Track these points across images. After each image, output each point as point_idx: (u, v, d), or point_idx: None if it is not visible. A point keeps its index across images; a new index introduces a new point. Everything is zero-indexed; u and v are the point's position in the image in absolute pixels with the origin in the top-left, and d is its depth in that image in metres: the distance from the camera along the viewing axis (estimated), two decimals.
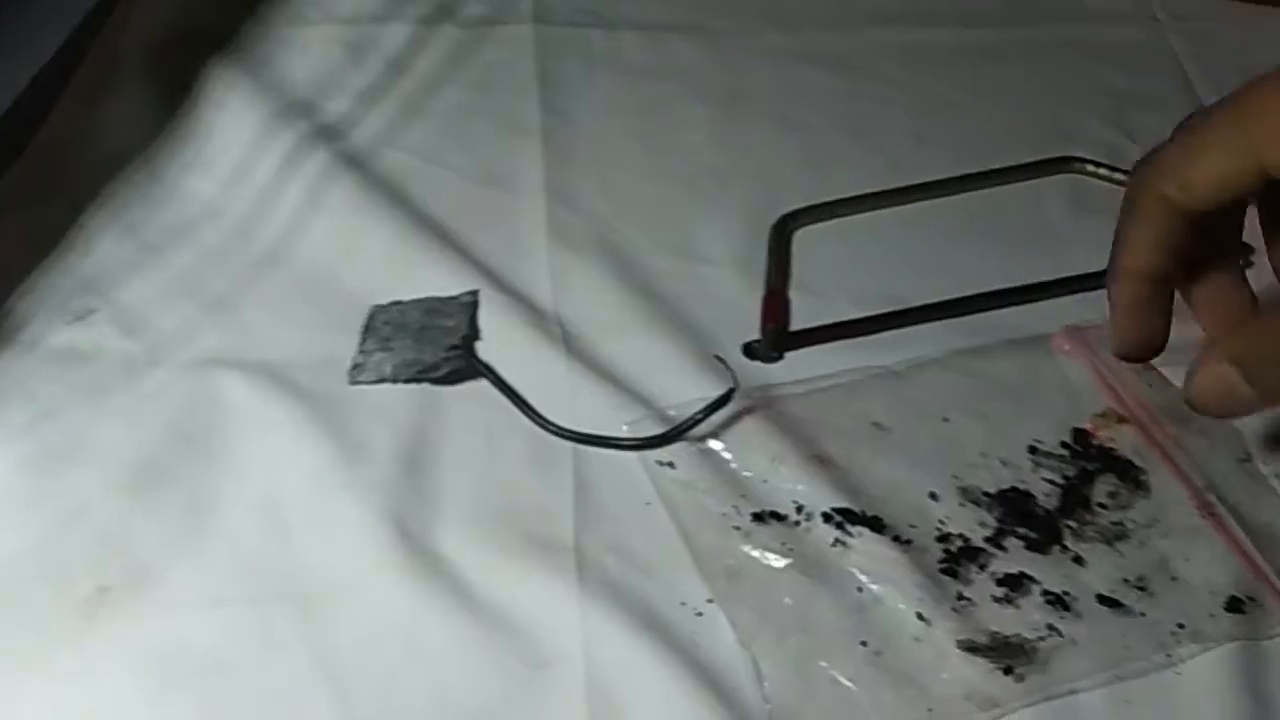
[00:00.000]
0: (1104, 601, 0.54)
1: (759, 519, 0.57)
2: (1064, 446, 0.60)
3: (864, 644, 0.52)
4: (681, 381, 0.61)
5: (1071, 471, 0.59)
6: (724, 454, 0.59)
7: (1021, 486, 0.58)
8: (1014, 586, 0.54)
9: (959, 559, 0.55)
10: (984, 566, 0.55)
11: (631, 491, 0.58)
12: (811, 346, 0.64)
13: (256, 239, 0.68)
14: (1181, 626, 0.53)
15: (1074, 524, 0.57)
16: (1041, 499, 0.58)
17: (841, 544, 0.56)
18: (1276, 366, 0.46)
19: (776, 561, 0.55)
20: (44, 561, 0.55)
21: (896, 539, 0.56)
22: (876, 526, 0.56)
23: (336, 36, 0.80)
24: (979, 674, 0.52)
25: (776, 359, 0.64)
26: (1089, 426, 0.60)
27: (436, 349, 0.62)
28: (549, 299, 0.66)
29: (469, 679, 0.52)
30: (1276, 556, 0.55)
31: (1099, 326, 0.64)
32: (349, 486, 0.57)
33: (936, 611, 0.53)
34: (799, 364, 0.63)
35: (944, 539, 0.56)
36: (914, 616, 0.53)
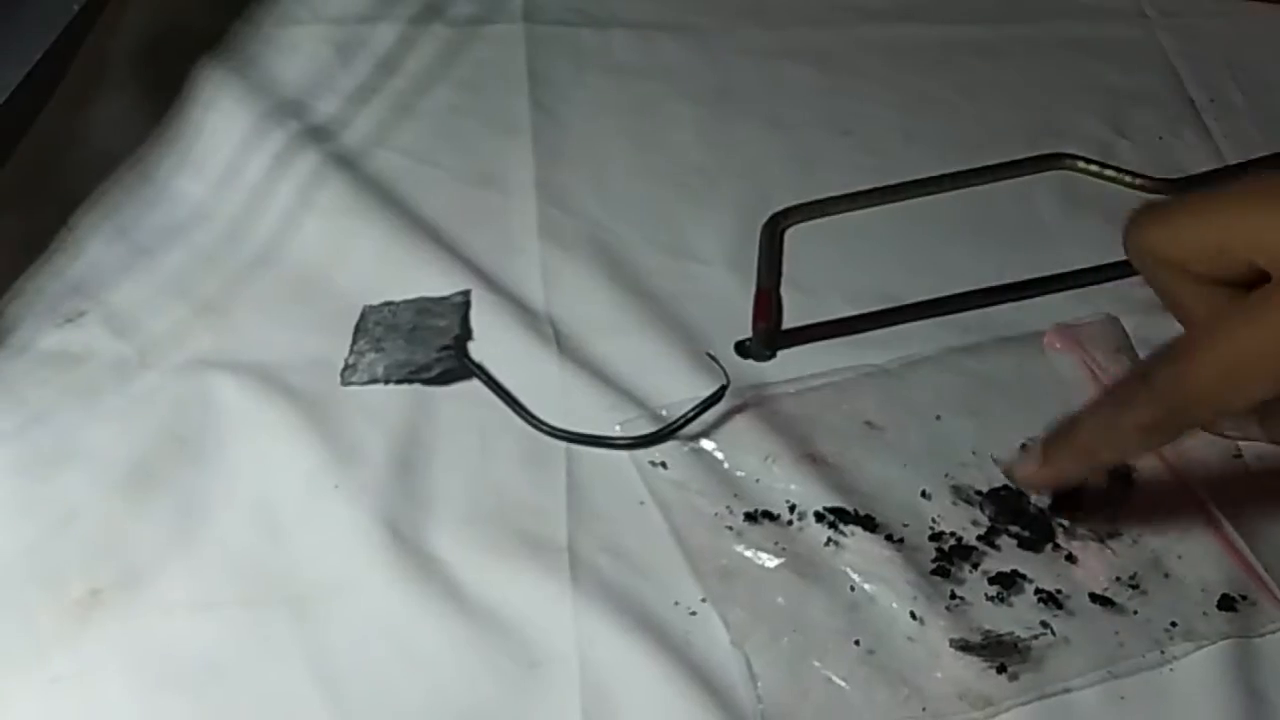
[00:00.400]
0: (1097, 600, 0.54)
1: (752, 518, 0.57)
2: None
3: (857, 643, 0.52)
4: (674, 381, 0.61)
5: None
6: (716, 454, 0.59)
7: (1014, 485, 0.58)
8: (1007, 585, 0.55)
9: (952, 558, 0.55)
10: (977, 565, 0.55)
11: (624, 491, 0.58)
12: (803, 345, 0.64)
13: (247, 240, 0.68)
14: (1174, 624, 0.53)
15: (1066, 522, 0.57)
16: (1034, 497, 0.58)
17: (834, 543, 0.56)
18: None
19: (769, 561, 0.55)
20: (36, 564, 0.55)
21: (889, 538, 0.56)
22: (869, 525, 0.56)
23: (326, 36, 0.80)
24: (972, 673, 0.52)
25: (768, 357, 0.64)
26: None
27: (428, 349, 0.62)
28: (540, 298, 0.66)
29: (462, 679, 0.52)
30: (1268, 554, 0.55)
31: (1090, 324, 0.64)
32: (341, 488, 0.57)
33: (929, 610, 0.53)
34: (791, 363, 0.63)
35: (937, 538, 0.56)
36: (907, 615, 0.53)
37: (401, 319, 0.64)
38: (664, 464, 0.58)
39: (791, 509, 0.57)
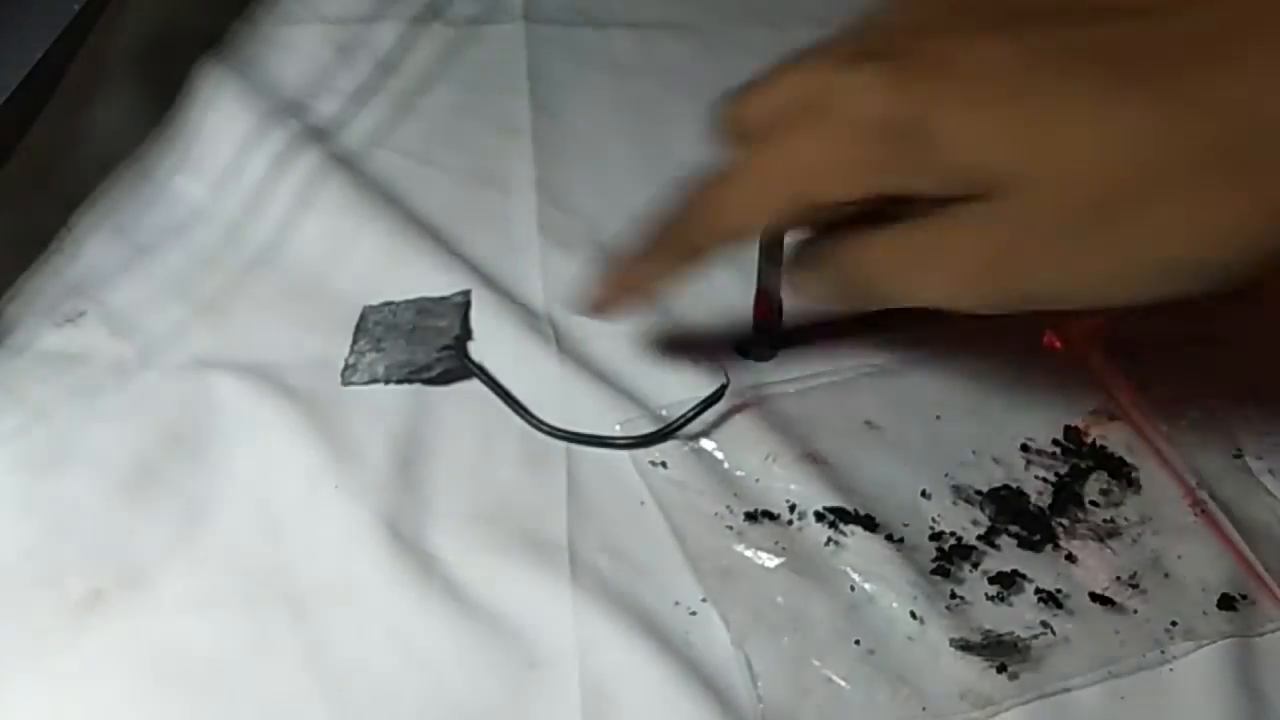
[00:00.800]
0: (1097, 599, 0.54)
1: (752, 518, 0.57)
2: (1056, 444, 0.60)
3: (857, 643, 0.52)
4: (674, 380, 0.61)
5: (1064, 469, 0.59)
6: (716, 453, 0.59)
7: (1014, 484, 0.58)
8: (1007, 584, 0.55)
9: (952, 557, 0.55)
10: (977, 565, 0.55)
11: (624, 491, 0.58)
12: (804, 345, 0.64)
13: (247, 240, 0.68)
14: (1174, 624, 0.53)
15: (1066, 522, 0.57)
16: (1034, 497, 0.58)
17: (834, 543, 0.56)
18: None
19: (769, 561, 0.55)
20: (36, 565, 0.54)
21: (889, 538, 0.56)
22: (869, 525, 0.56)
23: (326, 36, 0.80)
24: (973, 672, 0.52)
25: (769, 357, 0.64)
26: (1081, 424, 0.60)
27: (429, 349, 0.62)
28: (540, 298, 0.66)
29: (462, 679, 0.52)
30: (1268, 553, 0.55)
31: (1090, 323, 0.64)
32: (341, 487, 0.57)
33: (930, 610, 0.53)
34: (791, 362, 0.63)
35: (937, 537, 0.56)
36: (907, 615, 0.53)
37: (402, 319, 0.64)
38: (664, 464, 0.58)
39: (791, 509, 0.57)
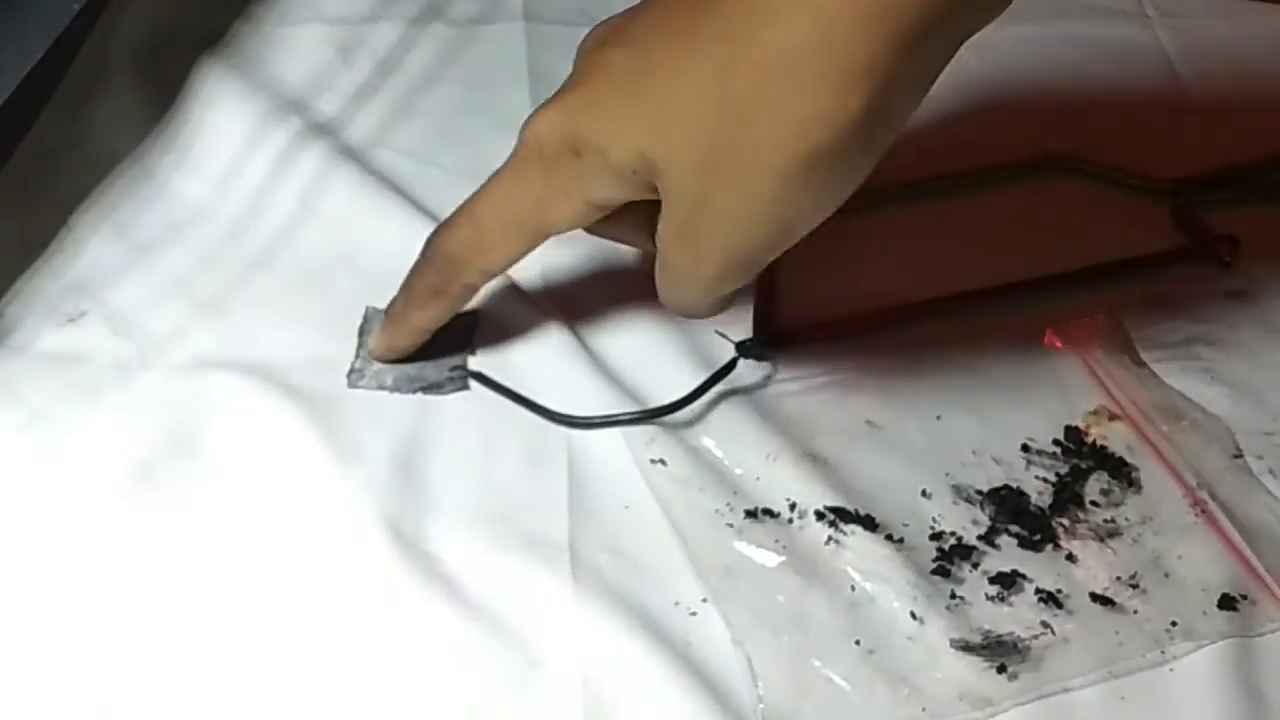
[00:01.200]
0: (1097, 599, 0.54)
1: (752, 516, 0.57)
2: (1056, 444, 0.60)
3: (857, 643, 0.53)
4: (677, 379, 0.61)
5: (1064, 469, 0.59)
6: (716, 451, 0.59)
7: (1014, 484, 0.58)
8: (1007, 584, 0.55)
9: (952, 557, 0.55)
10: (977, 565, 0.55)
11: (625, 490, 0.58)
12: (804, 344, 0.64)
13: (248, 239, 0.68)
14: (1175, 624, 0.53)
15: (1066, 522, 0.57)
16: (1034, 497, 0.58)
17: (835, 542, 0.56)
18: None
19: (770, 559, 0.55)
20: (34, 566, 0.54)
21: (889, 537, 0.56)
22: (869, 525, 0.56)
23: (327, 36, 0.80)
24: (973, 673, 0.52)
25: (769, 356, 0.64)
26: (1081, 424, 0.60)
27: (439, 369, 0.62)
28: (542, 295, 0.66)
29: (463, 678, 0.52)
30: (1268, 553, 0.56)
31: (1091, 323, 0.64)
32: (343, 487, 0.57)
33: (930, 610, 0.53)
34: (792, 361, 0.63)
35: (937, 537, 0.56)
36: (907, 615, 0.53)
37: None
38: (664, 461, 0.58)
39: (792, 507, 0.57)
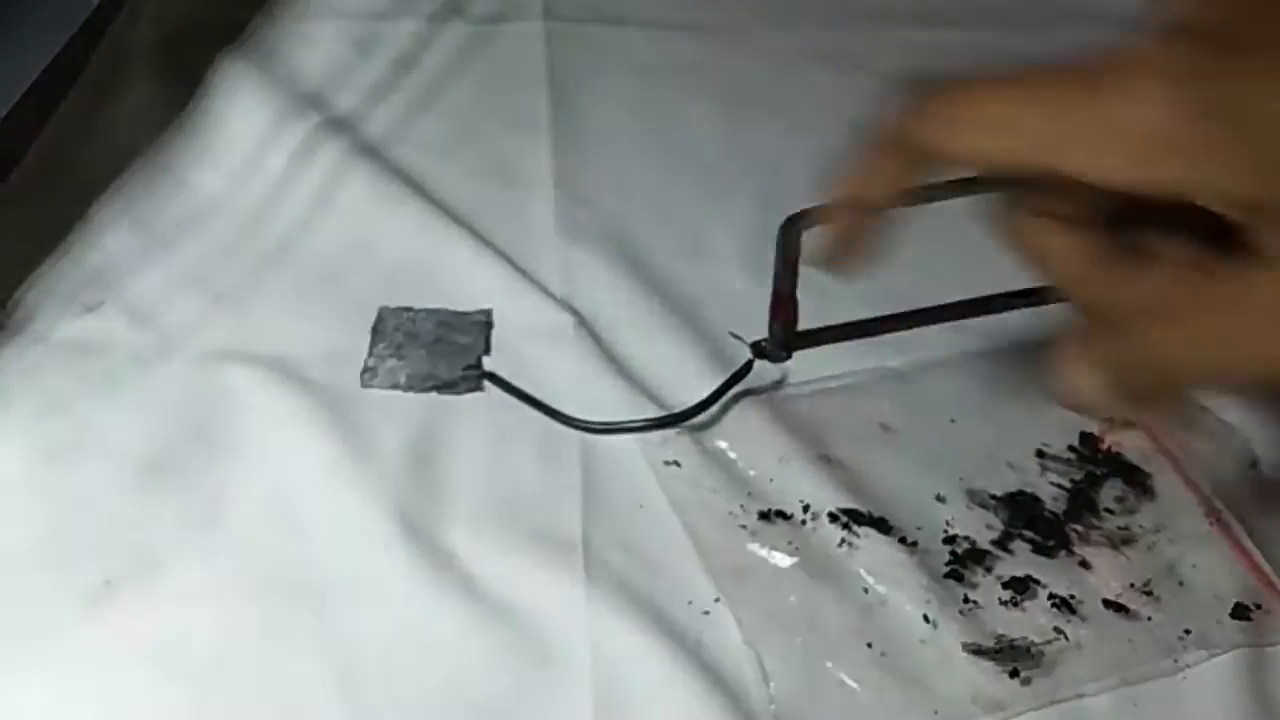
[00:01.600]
0: (1110, 606, 0.54)
1: (765, 518, 0.57)
2: (1071, 450, 0.60)
3: (870, 645, 0.52)
4: (692, 381, 0.61)
5: (1079, 475, 0.59)
6: (730, 453, 0.59)
7: (1029, 490, 0.58)
8: (1020, 590, 0.55)
9: (965, 561, 0.55)
10: (990, 569, 0.55)
11: (639, 490, 0.58)
12: (819, 346, 0.64)
13: (266, 232, 0.68)
14: (1188, 632, 0.53)
15: (1081, 528, 0.57)
16: (1049, 502, 0.58)
17: (848, 544, 0.56)
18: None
19: (783, 561, 0.55)
20: (51, 553, 0.55)
21: (903, 540, 0.56)
22: (883, 528, 0.56)
23: (346, 32, 0.80)
24: (985, 677, 0.52)
25: (784, 359, 0.63)
26: (1096, 431, 0.60)
27: (452, 366, 0.62)
28: (559, 295, 0.66)
29: (475, 675, 0.52)
30: None
31: None
32: (358, 481, 0.57)
33: (942, 614, 0.53)
34: (807, 364, 0.63)
35: (950, 541, 0.56)
36: (920, 618, 0.53)
37: (422, 328, 0.64)
38: (677, 463, 0.59)
39: (805, 509, 0.57)
